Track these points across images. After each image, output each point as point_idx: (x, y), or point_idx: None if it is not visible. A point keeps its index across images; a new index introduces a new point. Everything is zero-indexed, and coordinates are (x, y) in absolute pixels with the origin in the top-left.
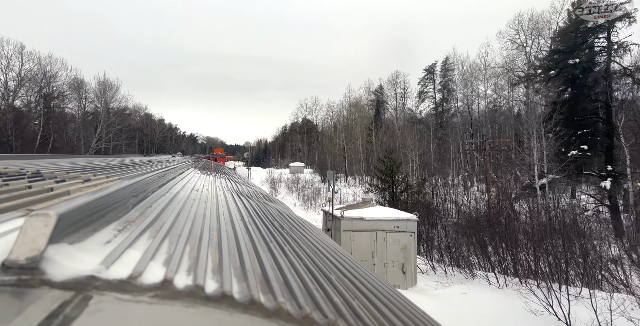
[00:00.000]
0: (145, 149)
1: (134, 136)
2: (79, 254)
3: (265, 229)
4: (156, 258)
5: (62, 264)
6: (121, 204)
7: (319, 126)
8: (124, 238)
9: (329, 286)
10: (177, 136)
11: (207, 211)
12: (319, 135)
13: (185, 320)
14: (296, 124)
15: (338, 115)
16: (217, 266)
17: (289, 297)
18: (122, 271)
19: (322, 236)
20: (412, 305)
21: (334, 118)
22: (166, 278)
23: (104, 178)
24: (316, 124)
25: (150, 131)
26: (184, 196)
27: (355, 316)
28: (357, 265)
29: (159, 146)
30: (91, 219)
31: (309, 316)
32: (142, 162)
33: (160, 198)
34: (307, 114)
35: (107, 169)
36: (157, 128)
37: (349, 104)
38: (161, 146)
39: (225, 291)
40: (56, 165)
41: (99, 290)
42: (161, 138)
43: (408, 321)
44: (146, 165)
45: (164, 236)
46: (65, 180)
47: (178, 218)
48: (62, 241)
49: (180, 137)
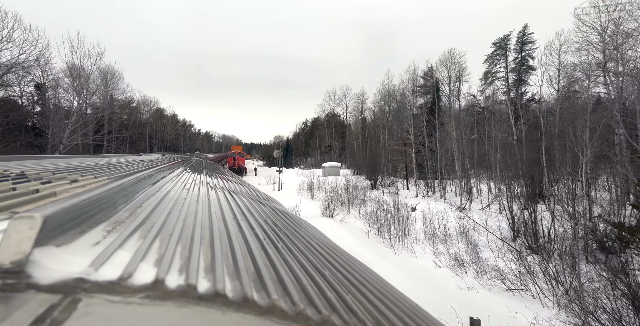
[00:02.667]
0: (156, 147)
1: (141, 132)
2: (66, 256)
3: (258, 226)
4: (147, 258)
5: (49, 267)
6: (110, 204)
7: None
8: (113, 239)
9: (322, 282)
10: (192, 133)
11: (199, 210)
12: (355, 129)
13: (177, 320)
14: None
15: (376, 105)
16: (210, 265)
17: (283, 294)
18: (112, 272)
19: (315, 233)
20: (405, 298)
21: (374, 109)
22: (157, 278)
23: (91, 178)
24: (347, 117)
25: (160, 127)
26: (175, 195)
27: (349, 311)
28: (350, 260)
29: (171, 143)
30: (79, 221)
31: (303, 313)
32: (131, 161)
33: (150, 198)
34: (336, 106)
35: (95, 170)
36: (169, 124)
37: (385, 91)
38: (173, 143)
39: (218, 290)
40: (42, 166)
41: (88, 292)
42: (174, 135)
43: (401, 314)
44: (135, 164)
45: (155, 236)
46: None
47: (169, 217)
48: (49, 243)
49: (195, 134)
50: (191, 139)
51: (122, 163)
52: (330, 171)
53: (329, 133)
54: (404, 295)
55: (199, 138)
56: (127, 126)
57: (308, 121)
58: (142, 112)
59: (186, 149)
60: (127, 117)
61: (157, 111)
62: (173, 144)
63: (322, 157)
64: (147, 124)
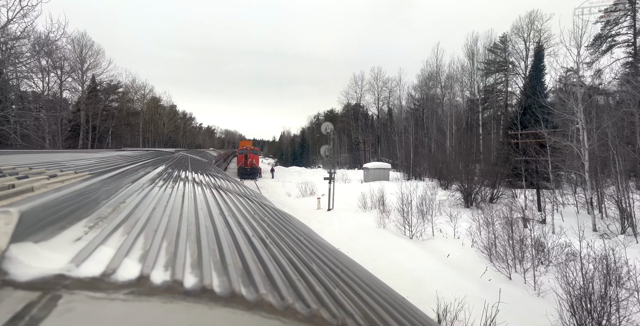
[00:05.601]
0: (149, 142)
1: (128, 123)
2: (45, 253)
3: (246, 222)
4: (131, 254)
5: (27, 263)
6: (92, 200)
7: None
8: (95, 234)
9: (311, 277)
10: (193, 127)
11: (185, 206)
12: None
13: (163, 316)
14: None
15: (418, 90)
16: (197, 261)
17: (271, 289)
18: (94, 268)
19: (303, 227)
20: (392, 291)
21: (414, 94)
22: (142, 274)
23: (71, 173)
24: (378, 105)
25: (154, 117)
26: (160, 191)
27: (338, 305)
28: (338, 254)
29: (168, 138)
30: (58, 217)
31: (291, 307)
32: (115, 157)
33: (134, 193)
34: (364, 93)
35: (75, 165)
36: (167, 116)
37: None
38: (170, 138)
39: (205, 285)
40: (16, 161)
41: (69, 289)
42: (172, 128)
43: (388, 307)
44: (119, 160)
45: (139, 232)
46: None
47: (154, 213)
48: (27, 239)
49: (196, 128)
50: (192, 134)
51: (105, 158)
52: (376, 174)
53: (355, 126)
54: (391, 288)
55: (200, 133)
56: (112, 115)
57: (321, 114)
58: (132, 99)
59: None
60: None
61: (152, 100)
62: (170, 139)
63: (353, 156)
64: (139, 114)
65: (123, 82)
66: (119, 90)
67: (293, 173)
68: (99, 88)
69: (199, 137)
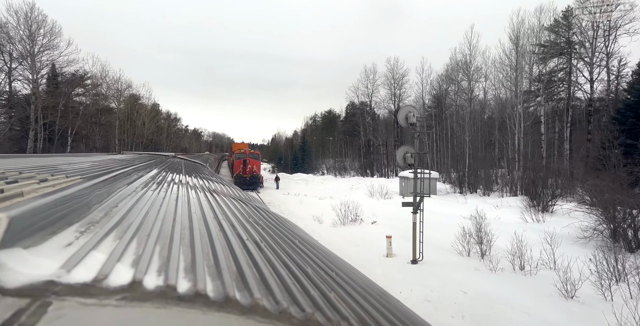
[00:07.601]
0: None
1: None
2: (35, 258)
3: (241, 226)
4: (123, 259)
5: (16, 270)
6: (83, 205)
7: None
8: (86, 240)
9: (306, 281)
10: (178, 129)
11: (178, 210)
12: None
13: (156, 322)
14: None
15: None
16: (190, 265)
17: (266, 293)
18: (86, 274)
19: (298, 231)
20: (387, 295)
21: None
22: (135, 279)
23: (63, 177)
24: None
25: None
26: (153, 194)
27: (333, 309)
28: (334, 259)
29: (149, 140)
30: (49, 222)
31: (286, 311)
32: (106, 161)
33: (127, 197)
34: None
35: (66, 169)
36: (147, 115)
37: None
38: (152, 140)
39: (199, 290)
40: (6, 165)
41: (59, 295)
42: (154, 129)
43: (383, 310)
44: (111, 164)
45: (132, 237)
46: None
47: (146, 217)
48: (16, 245)
49: (181, 131)
50: (177, 136)
51: (96, 162)
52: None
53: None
54: (386, 291)
55: (186, 136)
56: (77, 111)
57: (318, 116)
58: (104, 93)
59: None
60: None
61: (131, 97)
62: (152, 142)
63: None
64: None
65: (91, 72)
66: (87, 82)
67: (299, 181)
68: (60, 79)
69: (185, 140)
